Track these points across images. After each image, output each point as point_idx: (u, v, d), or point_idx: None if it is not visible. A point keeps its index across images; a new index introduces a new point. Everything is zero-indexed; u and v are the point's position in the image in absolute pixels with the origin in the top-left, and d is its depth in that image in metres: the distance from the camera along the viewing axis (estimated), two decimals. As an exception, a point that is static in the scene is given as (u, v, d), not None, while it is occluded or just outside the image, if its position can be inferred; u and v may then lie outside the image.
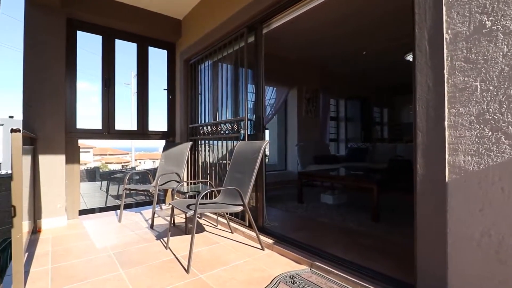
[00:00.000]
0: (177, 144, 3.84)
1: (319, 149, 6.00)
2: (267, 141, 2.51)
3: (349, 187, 4.40)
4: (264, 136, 2.81)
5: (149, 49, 4.11)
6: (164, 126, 4.33)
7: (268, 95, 5.76)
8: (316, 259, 2.01)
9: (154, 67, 4.24)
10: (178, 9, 3.90)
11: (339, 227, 2.94)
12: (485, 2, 1.24)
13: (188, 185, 3.79)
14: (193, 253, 2.05)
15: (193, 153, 3.98)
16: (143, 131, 4.04)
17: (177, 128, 4.29)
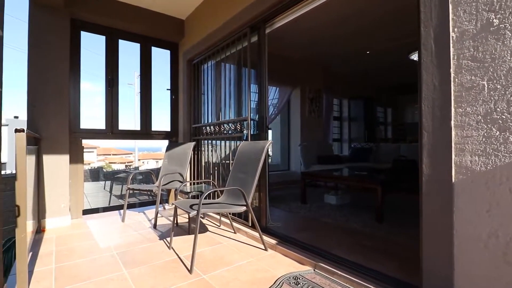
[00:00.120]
0: (180, 144, 3.84)
1: (322, 149, 5.97)
2: (270, 141, 2.50)
3: (352, 187, 4.38)
4: (267, 136, 2.80)
5: (152, 49, 4.12)
6: (167, 126, 4.35)
7: (271, 95, 5.74)
8: (319, 260, 2.00)
9: (157, 67, 4.24)
10: (181, 9, 3.90)
11: (343, 227, 2.92)
12: (492, -1, 1.22)
13: (191, 185, 3.79)
14: (196, 253, 2.04)
15: (196, 153, 3.98)
16: (146, 131, 4.05)
17: (180, 128, 4.29)
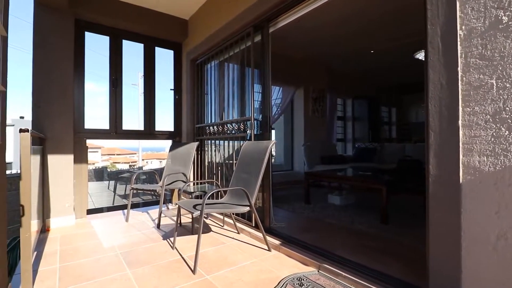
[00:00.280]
0: (183, 144, 3.84)
1: (326, 149, 5.95)
2: (273, 141, 2.48)
3: (357, 187, 4.35)
4: (270, 136, 2.79)
5: (156, 49, 4.12)
6: (170, 126, 4.35)
7: (274, 95, 5.73)
8: (324, 261, 1.98)
9: (160, 67, 4.25)
10: (184, 9, 3.90)
11: (347, 228, 2.89)
12: (501, -4, 1.19)
13: (194, 185, 3.79)
14: (200, 254, 2.03)
15: (199, 153, 3.98)
16: (150, 131, 4.05)
17: (183, 128, 4.30)
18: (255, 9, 2.66)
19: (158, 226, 3.03)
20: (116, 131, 3.75)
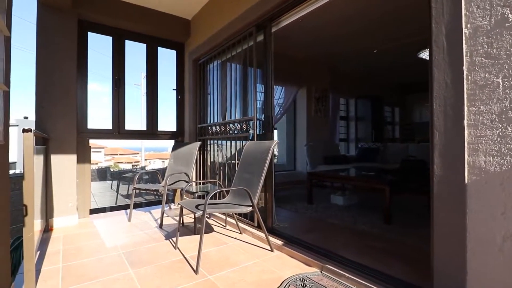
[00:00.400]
0: (186, 144, 3.85)
1: (329, 149, 5.92)
2: (276, 141, 2.47)
3: (360, 188, 4.33)
4: (273, 136, 2.78)
5: (158, 49, 4.13)
6: (173, 126, 4.35)
7: (277, 94, 5.72)
8: (326, 261, 1.97)
9: (163, 67, 4.26)
10: (187, 9, 3.90)
11: (350, 228, 2.88)
12: (507, -6, 1.18)
13: (197, 185, 3.79)
14: (202, 254, 2.03)
15: (201, 153, 3.98)
16: (152, 131, 4.06)
17: (186, 128, 4.30)
18: (258, 8, 2.65)
19: (160, 226, 3.03)
20: (119, 131, 3.76)
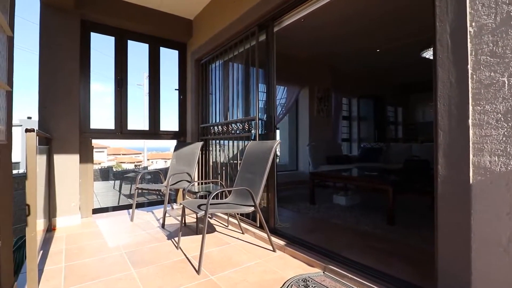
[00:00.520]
0: (188, 144, 3.85)
1: (331, 149, 5.90)
2: (278, 141, 2.47)
3: (362, 188, 4.30)
4: (275, 135, 2.77)
5: (160, 49, 4.13)
6: (175, 126, 4.36)
7: (279, 94, 5.70)
8: (329, 262, 1.96)
9: (165, 67, 4.26)
10: (189, 9, 3.90)
11: (353, 229, 2.86)
12: (513, -9, 1.16)
13: (199, 185, 3.79)
14: (204, 254, 2.03)
15: (204, 153, 3.98)
16: (154, 131, 4.07)
17: (188, 128, 4.30)
18: (260, 8, 2.65)
19: (162, 225, 3.03)
20: (121, 131, 3.77)
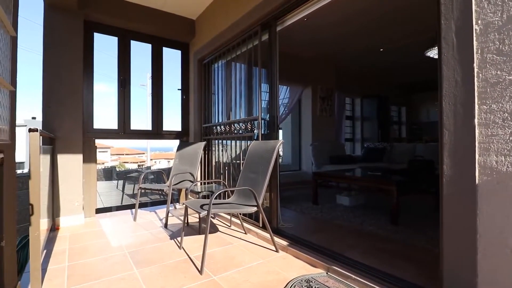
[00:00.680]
0: (191, 143, 3.85)
1: (335, 149, 5.88)
2: (281, 141, 2.46)
3: (366, 188, 4.27)
4: (278, 135, 2.76)
5: (163, 49, 4.14)
6: (178, 126, 4.36)
7: (281, 94, 5.69)
8: (332, 263, 1.94)
9: (168, 67, 4.27)
10: (191, 9, 3.90)
11: (357, 229, 2.84)
12: (520, -12, 1.14)
13: (201, 184, 3.79)
14: (207, 254, 2.02)
15: (206, 152, 3.98)
16: (157, 131, 4.07)
17: (191, 128, 4.30)
18: (263, 7, 2.64)
19: (165, 225, 3.03)
20: (124, 131, 3.78)
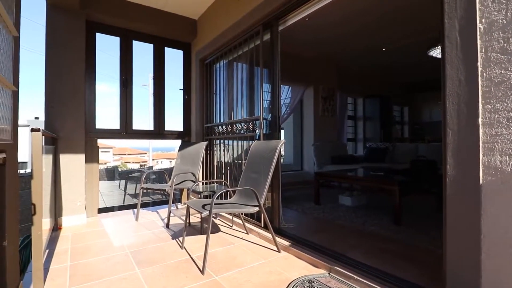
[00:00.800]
0: (192, 143, 3.85)
1: (336, 149, 5.86)
2: (283, 141, 2.45)
3: (368, 188, 4.25)
4: (279, 135, 2.75)
5: (165, 49, 4.14)
6: (180, 126, 4.36)
7: (283, 94, 5.68)
8: (335, 263, 1.93)
9: (170, 67, 4.27)
10: (193, 9, 3.90)
11: (359, 230, 2.83)
12: (525, -14, 1.13)
13: (203, 184, 3.79)
14: (208, 254, 2.02)
15: (208, 152, 3.98)
16: (159, 131, 4.08)
17: (192, 127, 4.30)
18: (264, 7, 2.63)
19: (167, 225, 3.03)
20: (126, 131, 3.79)
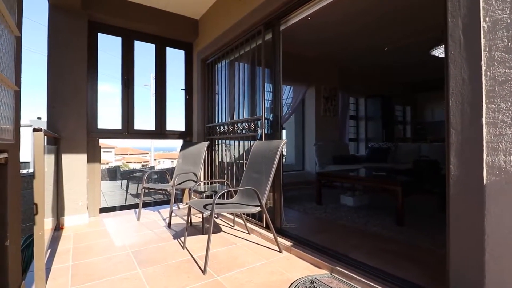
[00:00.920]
0: (194, 143, 3.85)
1: (338, 149, 5.84)
2: (284, 141, 2.44)
3: (370, 188, 4.24)
4: (281, 135, 2.75)
5: (167, 49, 4.15)
6: (181, 126, 4.37)
7: (285, 94, 5.67)
8: (337, 263, 1.93)
9: (172, 67, 4.28)
10: (195, 9, 3.91)
11: (361, 230, 2.81)
12: (530, -16, 1.12)
13: (205, 184, 3.78)
14: (210, 254, 2.01)
15: (210, 152, 3.97)
16: (161, 131, 4.08)
17: (194, 127, 4.30)
18: (266, 7, 2.62)
19: (169, 225, 3.04)
20: (128, 131, 3.79)
